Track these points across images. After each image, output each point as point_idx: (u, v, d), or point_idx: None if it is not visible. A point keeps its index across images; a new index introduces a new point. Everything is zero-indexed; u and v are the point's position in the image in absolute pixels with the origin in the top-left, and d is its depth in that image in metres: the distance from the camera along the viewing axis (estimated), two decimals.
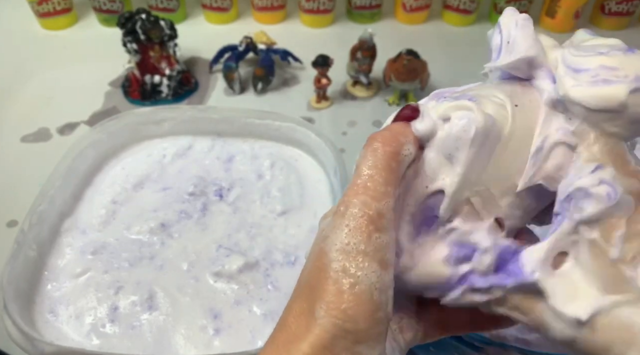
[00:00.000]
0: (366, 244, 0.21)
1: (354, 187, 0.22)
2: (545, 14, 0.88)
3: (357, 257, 0.21)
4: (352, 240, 0.21)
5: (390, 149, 0.22)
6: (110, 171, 0.56)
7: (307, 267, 0.23)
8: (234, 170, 0.57)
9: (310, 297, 0.21)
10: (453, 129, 0.22)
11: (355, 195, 0.22)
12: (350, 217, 0.21)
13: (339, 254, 0.21)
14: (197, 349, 0.42)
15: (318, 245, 0.22)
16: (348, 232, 0.21)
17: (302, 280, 0.22)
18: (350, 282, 0.20)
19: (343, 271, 0.21)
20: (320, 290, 0.21)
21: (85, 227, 0.50)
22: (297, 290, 0.22)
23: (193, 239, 0.50)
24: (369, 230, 0.21)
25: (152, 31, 0.68)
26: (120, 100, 0.71)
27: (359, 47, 0.68)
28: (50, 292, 0.45)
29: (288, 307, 0.22)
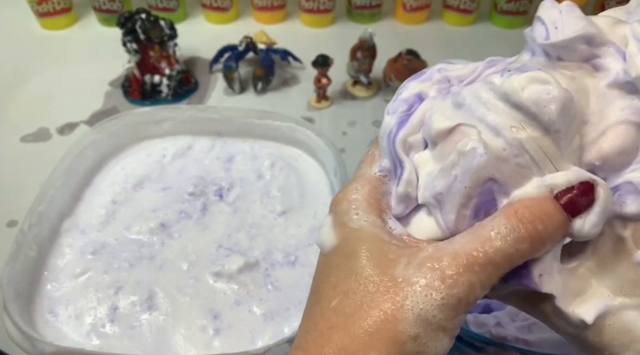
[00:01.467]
0: (449, 323, 0.19)
1: (466, 261, 0.19)
2: None
3: (434, 332, 0.19)
4: (439, 315, 0.19)
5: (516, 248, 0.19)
6: (110, 171, 0.56)
7: (363, 302, 0.20)
8: (234, 170, 0.57)
9: (362, 340, 0.19)
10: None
11: (470, 272, 0.19)
12: (451, 292, 0.19)
13: (418, 320, 0.19)
14: (197, 349, 0.42)
15: (389, 289, 0.19)
16: (438, 305, 0.19)
17: (349, 312, 0.20)
18: (416, 351, 0.19)
19: (414, 339, 0.19)
20: (374, 339, 0.19)
21: (85, 227, 0.50)
22: (343, 321, 0.20)
23: (193, 239, 0.50)
24: (459, 313, 0.19)
25: (152, 31, 0.67)
26: (120, 100, 0.71)
27: (359, 47, 0.68)
28: (50, 292, 0.45)
29: (323, 334, 0.20)
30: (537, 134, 0.19)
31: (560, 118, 0.19)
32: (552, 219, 0.19)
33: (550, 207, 0.19)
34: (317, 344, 0.20)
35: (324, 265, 0.23)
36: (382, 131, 0.24)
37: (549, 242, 0.19)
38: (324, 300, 0.21)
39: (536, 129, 0.19)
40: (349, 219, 0.22)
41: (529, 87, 0.19)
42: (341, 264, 0.22)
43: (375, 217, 0.22)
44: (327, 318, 0.20)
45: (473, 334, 0.35)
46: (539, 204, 0.19)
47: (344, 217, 0.23)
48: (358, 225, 0.22)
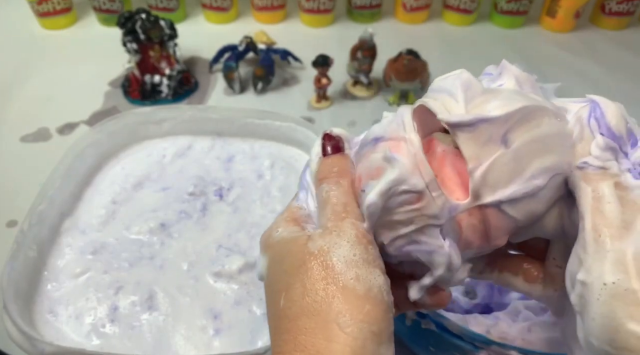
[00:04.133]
0: (367, 254, 0.23)
1: (335, 213, 0.24)
2: (546, 13, 0.88)
3: (364, 266, 0.23)
4: (356, 252, 0.23)
5: (348, 181, 0.26)
6: (110, 171, 0.56)
7: (297, 281, 0.23)
8: (234, 170, 0.57)
9: (320, 311, 0.21)
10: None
11: (342, 218, 0.24)
12: (347, 234, 0.23)
13: (347, 265, 0.22)
14: (197, 349, 0.42)
15: (312, 258, 0.23)
16: (350, 246, 0.23)
17: (295, 295, 0.23)
18: (366, 288, 0.22)
19: (357, 279, 0.22)
20: (336, 300, 0.22)
21: (85, 227, 0.50)
22: (294, 306, 0.22)
23: (193, 239, 0.50)
24: (364, 243, 0.24)
25: (152, 31, 0.68)
26: (120, 100, 0.71)
27: (359, 47, 0.68)
28: (50, 292, 0.45)
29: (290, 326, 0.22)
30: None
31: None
32: (337, 160, 0.27)
33: (329, 160, 0.27)
34: (287, 340, 0.22)
35: (266, 287, 0.26)
36: (300, 176, 0.29)
37: (349, 168, 0.26)
38: (275, 307, 0.24)
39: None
40: (271, 239, 0.26)
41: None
42: (275, 273, 0.25)
43: (292, 227, 0.26)
44: (284, 315, 0.23)
45: (473, 334, 0.35)
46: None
47: (268, 240, 0.26)
48: (280, 238, 0.25)
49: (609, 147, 0.22)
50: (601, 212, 0.21)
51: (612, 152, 0.22)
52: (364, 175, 0.25)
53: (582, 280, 0.21)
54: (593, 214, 0.21)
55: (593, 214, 0.21)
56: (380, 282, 0.23)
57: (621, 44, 0.86)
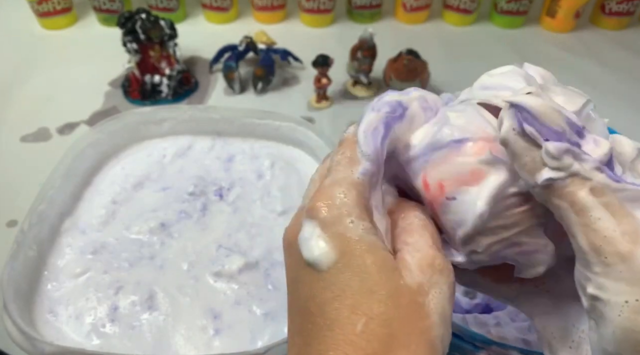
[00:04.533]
0: (451, 307, 0.21)
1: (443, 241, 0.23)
2: (546, 13, 0.88)
3: (449, 325, 0.21)
4: (449, 307, 0.21)
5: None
6: (110, 171, 0.56)
7: (391, 318, 0.20)
8: (234, 170, 0.57)
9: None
10: None
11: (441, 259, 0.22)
12: (449, 277, 0.21)
13: (442, 319, 0.20)
14: (197, 349, 0.42)
15: (409, 298, 0.20)
16: (449, 296, 0.21)
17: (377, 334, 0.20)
18: (443, 353, 0.20)
19: (442, 341, 0.20)
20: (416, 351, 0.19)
21: (85, 227, 0.50)
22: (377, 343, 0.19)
23: (193, 239, 0.50)
24: (454, 291, 0.21)
25: (152, 31, 0.68)
26: (120, 100, 0.71)
27: (359, 47, 0.68)
28: (50, 292, 0.45)
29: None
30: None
31: None
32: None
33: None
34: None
35: (326, 284, 0.21)
36: (364, 128, 0.23)
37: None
38: (345, 325, 0.20)
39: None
40: (344, 228, 0.21)
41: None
42: (352, 283, 0.20)
43: (369, 223, 0.21)
44: (358, 345, 0.19)
45: (473, 334, 0.35)
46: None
47: (337, 227, 0.21)
48: (357, 235, 0.21)
49: (562, 151, 0.19)
50: (594, 230, 0.19)
51: (570, 155, 0.19)
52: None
53: (595, 295, 0.19)
54: (586, 234, 0.19)
55: (586, 234, 0.19)
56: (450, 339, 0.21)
57: (621, 44, 0.86)
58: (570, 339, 0.23)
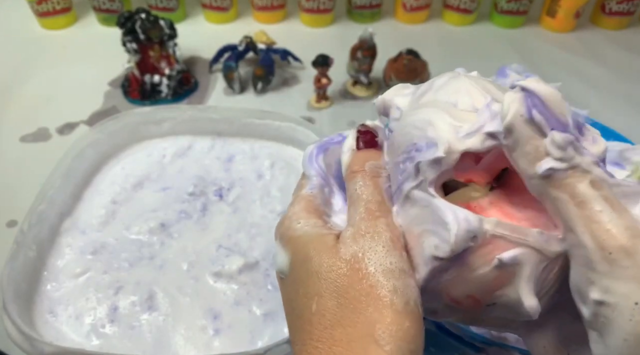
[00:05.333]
0: (403, 262, 0.22)
1: (369, 211, 0.23)
2: (546, 13, 0.88)
3: (401, 276, 0.21)
4: (392, 260, 0.21)
5: (379, 179, 0.24)
6: (109, 171, 0.56)
7: (332, 287, 0.21)
8: (234, 170, 0.57)
9: (361, 321, 0.20)
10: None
11: (376, 217, 0.23)
12: (382, 238, 0.22)
13: (385, 275, 0.21)
14: (197, 349, 0.42)
15: (348, 268, 0.21)
16: (386, 253, 0.21)
17: (330, 303, 0.21)
18: (404, 301, 0.21)
19: (395, 291, 0.21)
20: (374, 313, 0.20)
21: (85, 227, 0.50)
22: (328, 318, 0.21)
23: (193, 239, 0.50)
24: (399, 249, 0.22)
25: (151, 31, 0.67)
26: (120, 100, 0.71)
27: (359, 47, 0.68)
28: (49, 292, 0.45)
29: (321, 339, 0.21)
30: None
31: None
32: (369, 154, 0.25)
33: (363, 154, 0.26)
34: (321, 350, 0.21)
35: (289, 284, 0.24)
36: (303, 158, 0.28)
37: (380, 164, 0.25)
38: (304, 310, 0.22)
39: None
40: (292, 231, 0.24)
41: None
42: (301, 273, 0.23)
43: (315, 220, 0.24)
44: (317, 322, 0.21)
45: (473, 334, 0.35)
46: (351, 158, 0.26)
47: (288, 232, 0.24)
48: (302, 232, 0.24)
49: (568, 142, 0.19)
50: (597, 222, 0.18)
51: (572, 147, 0.19)
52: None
53: (600, 300, 0.18)
54: (588, 227, 0.18)
55: (588, 227, 0.18)
56: (415, 294, 0.21)
57: (621, 44, 0.86)
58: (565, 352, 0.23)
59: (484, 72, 0.27)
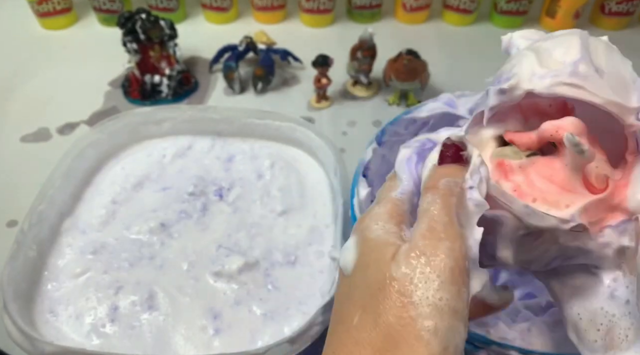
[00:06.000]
0: (457, 301, 0.20)
1: (432, 230, 0.21)
2: (545, 13, 0.88)
3: (449, 317, 0.19)
4: (444, 295, 0.20)
5: (451, 198, 0.22)
6: (110, 171, 0.56)
7: (378, 312, 0.20)
8: (234, 170, 0.57)
9: (388, 350, 0.19)
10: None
11: (439, 239, 0.20)
12: (440, 266, 0.20)
13: (432, 310, 0.19)
14: (197, 349, 0.42)
15: (393, 290, 0.20)
16: (440, 284, 0.20)
17: (367, 326, 0.20)
18: (442, 346, 0.19)
19: (434, 331, 0.19)
20: (404, 347, 0.19)
21: (85, 227, 0.50)
22: (363, 335, 0.20)
23: (193, 239, 0.50)
24: (459, 284, 0.20)
25: (152, 31, 0.68)
26: (120, 100, 0.71)
27: (359, 47, 0.68)
28: (50, 292, 0.45)
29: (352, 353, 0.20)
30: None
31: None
32: (452, 170, 0.24)
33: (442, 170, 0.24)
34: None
35: (347, 284, 0.23)
36: (399, 160, 0.27)
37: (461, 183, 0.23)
38: (347, 318, 0.21)
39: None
40: (369, 232, 0.23)
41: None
42: (357, 279, 0.22)
43: (392, 226, 0.23)
44: (352, 335, 0.20)
45: (473, 334, 0.35)
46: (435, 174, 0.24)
47: (364, 232, 0.23)
48: (375, 235, 0.23)
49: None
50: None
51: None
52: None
53: None
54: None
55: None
56: (459, 340, 0.19)
57: (621, 44, 0.85)
58: (598, 321, 0.24)
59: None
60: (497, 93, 0.25)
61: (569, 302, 0.26)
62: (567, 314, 0.26)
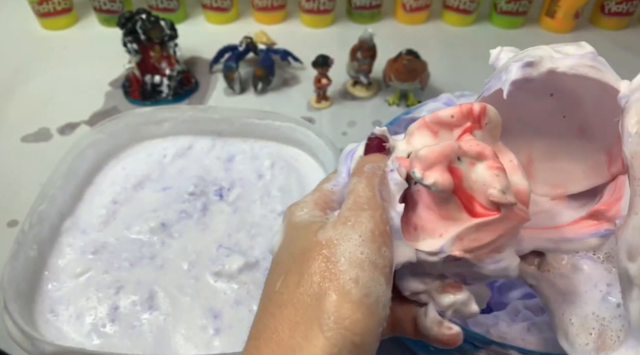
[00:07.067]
0: (378, 256, 0.21)
1: (357, 203, 0.23)
2: (545, 14, 0.88)
3: (369, 268, 0.21)
4: (365, 251, 0.21)
5: (374, 178, 0.24)
6: (110, 171, 0.56)
7: (298, 269, 0.22)
8: (234, 170, 0.57)
9: (313, 305, 0.20)
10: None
11: (362, 209, 0.22)
12: (362, 227, 0.22)
13: (352, 263, 0.21)
14: (197, 348, 0.42)
15: (318, 248, 0.22)
16: (361, 242, 0.21)
17: (292, 282, 0.21)
18: (363, 293, 0.20)
19: (355, 281, 0.20)
20: (327, 299, 0.20)
21: (86, 227, 0.50)
22: (288, 293, 0.21)
23: (193, 238, 0.50)
24: (378, 242, 0.22)
25: (152, 31, 0.68)
26: (121, 100, 0.71)
27: (359, 47, 0.68)
28: (50, 291, 0.45)
29: (276, 312, 0.21)
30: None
31: None
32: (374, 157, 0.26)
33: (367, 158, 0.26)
34: (268, 326, 0.21)
35: (273, 262, 0.24)
36: (341, 156, 0.28)
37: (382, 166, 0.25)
38: (269, 286, 0.23)
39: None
40: (294, 217, 0.25)
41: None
42: (281, 254, 0.24)
43: (317, 211, 0.25)
44: (274, 300, 0.22)
45: (473, 334, 0.35)
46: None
47: (291, 217, 0.25)
48: (300, 219, 0.24)
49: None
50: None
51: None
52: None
53: None
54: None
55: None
56: (380, 291, 0.21)
57: (621, 44, 0.86)
58: (590, 325, 0.24)
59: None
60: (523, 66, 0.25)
61: (560, 308, 0.26)
62: (558, 320, 0.26)
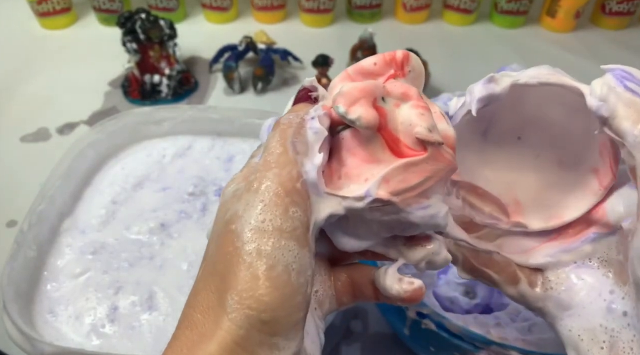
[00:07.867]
0: (283, 220, 0.19)
1: (265, 163, 0.20)
2: (546, 13, 0.88)
3: (273, 235, 0.19)
4: (267, 217, 0.19)
5: (289, 129, 0.21)
6: (109, 171, 0.56)
7: (211, 252, 0.20)
8: (234, 170, 0.57)
9: (219, 287, 0.19)
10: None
11: (269, 169, 0.20)
12: (264, 191, 0.19)
13: (254, 234, 0.19)
14: None
15: (226, 226, 0.20)
16: (263, 207, 0.19)
17: (207, 268, 0.20)
18: (267, 265, 0.18)
19: (257, 253, 0.18)
20: (231, 277, 0.18)
21: (85, 227, 0.50)
22: (202, 279, 0.20)
23: (193, 239, 0.50)
24: (285, 204, 0.19)
25: (151, 31, 0.68)
26: (120, 100, 0.71)
27: (359, 47, 0.68)
28: (49, 292, 0.45)
29: (192, 301, 0.20)
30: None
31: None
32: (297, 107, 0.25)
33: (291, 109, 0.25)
34: (187, 315, 0.20)
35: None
36: (261, 131, 0.27)
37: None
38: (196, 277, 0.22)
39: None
40: (223, 196, 0.22)
41: None
42: (211, 232, 0.22)
43: (245, 184, 0.22)
44: (194, 287, 0.20)
45: (473, 334, 0.35)
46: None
47: (222, 197, 0.22)
48: (228, 195, 0.22)
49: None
50: None
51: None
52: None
53: None
54: None
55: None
56: (289, 258, 0.18)
57: (621, 44, 0.86)
58: (600, 339, 0.24)
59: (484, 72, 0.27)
60: (485, 83, 0.25)
61: (567, 325, 0.25)
62: (567, 337, 0.25)
